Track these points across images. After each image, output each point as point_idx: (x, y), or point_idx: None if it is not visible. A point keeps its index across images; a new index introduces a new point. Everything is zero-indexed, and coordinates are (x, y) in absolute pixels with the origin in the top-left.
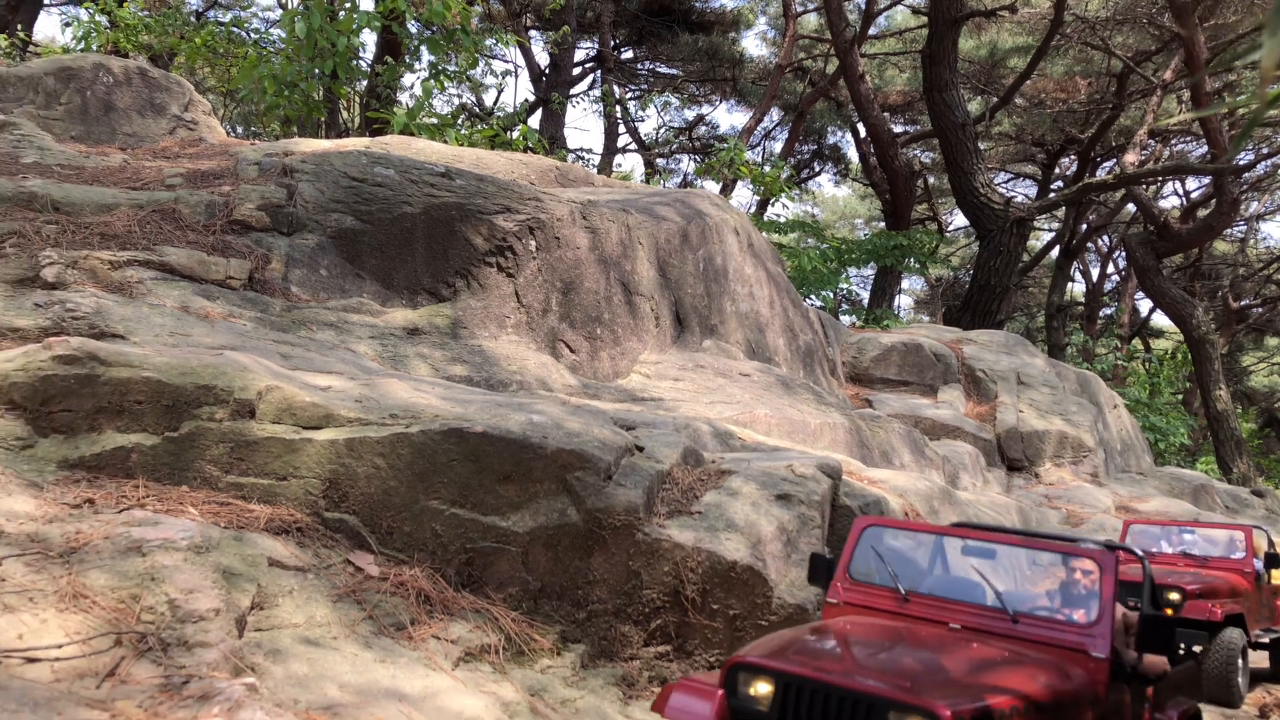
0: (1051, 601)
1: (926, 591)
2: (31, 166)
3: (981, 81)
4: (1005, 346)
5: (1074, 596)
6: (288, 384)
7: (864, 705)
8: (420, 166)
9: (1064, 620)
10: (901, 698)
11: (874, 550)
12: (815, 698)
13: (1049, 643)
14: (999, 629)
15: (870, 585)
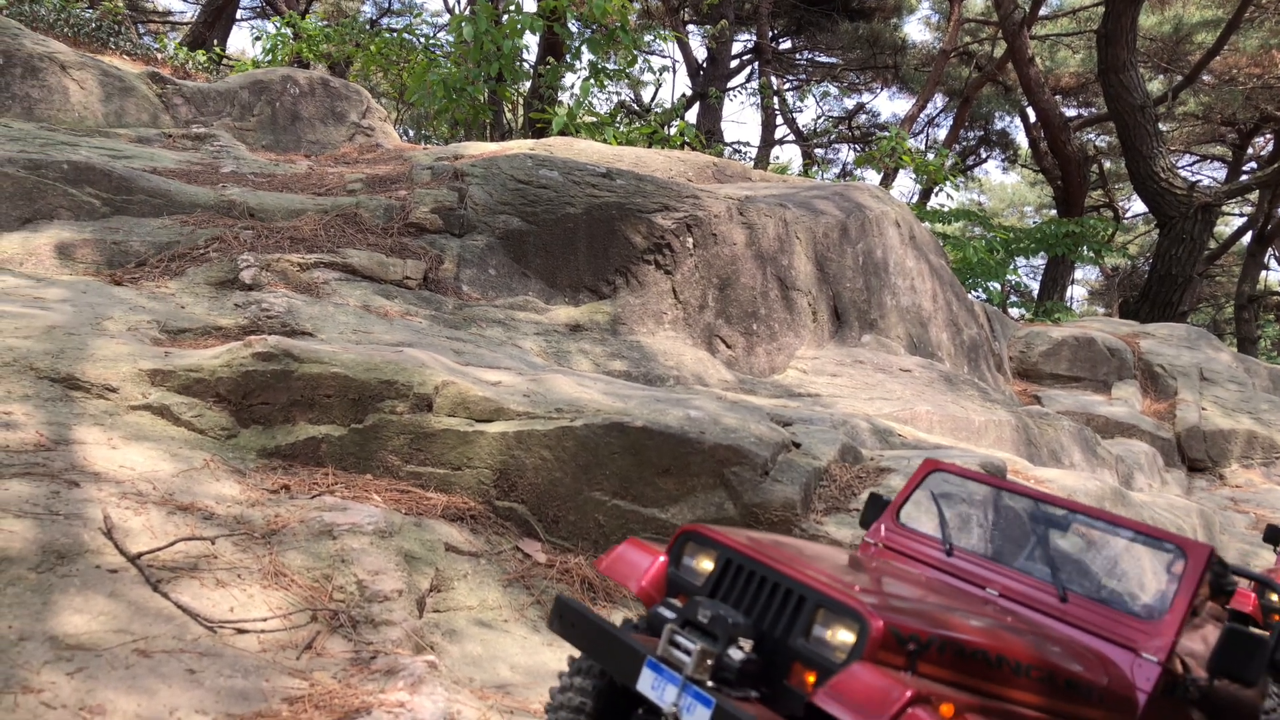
0: (1116, 588)
1: (974, 549)
2: (229, 175)
3: (1164, 60)
4: (1187, 340)
5: (1144, 587)
6: (461, 379)
7: (794, 597)
8: (582, 168)
9: (1122, 610)
10: (833, 594)
11: (933, 496)
12: (750, 580)
13: (1096, 631)
14: (1043, 604)
15: (916, 532)
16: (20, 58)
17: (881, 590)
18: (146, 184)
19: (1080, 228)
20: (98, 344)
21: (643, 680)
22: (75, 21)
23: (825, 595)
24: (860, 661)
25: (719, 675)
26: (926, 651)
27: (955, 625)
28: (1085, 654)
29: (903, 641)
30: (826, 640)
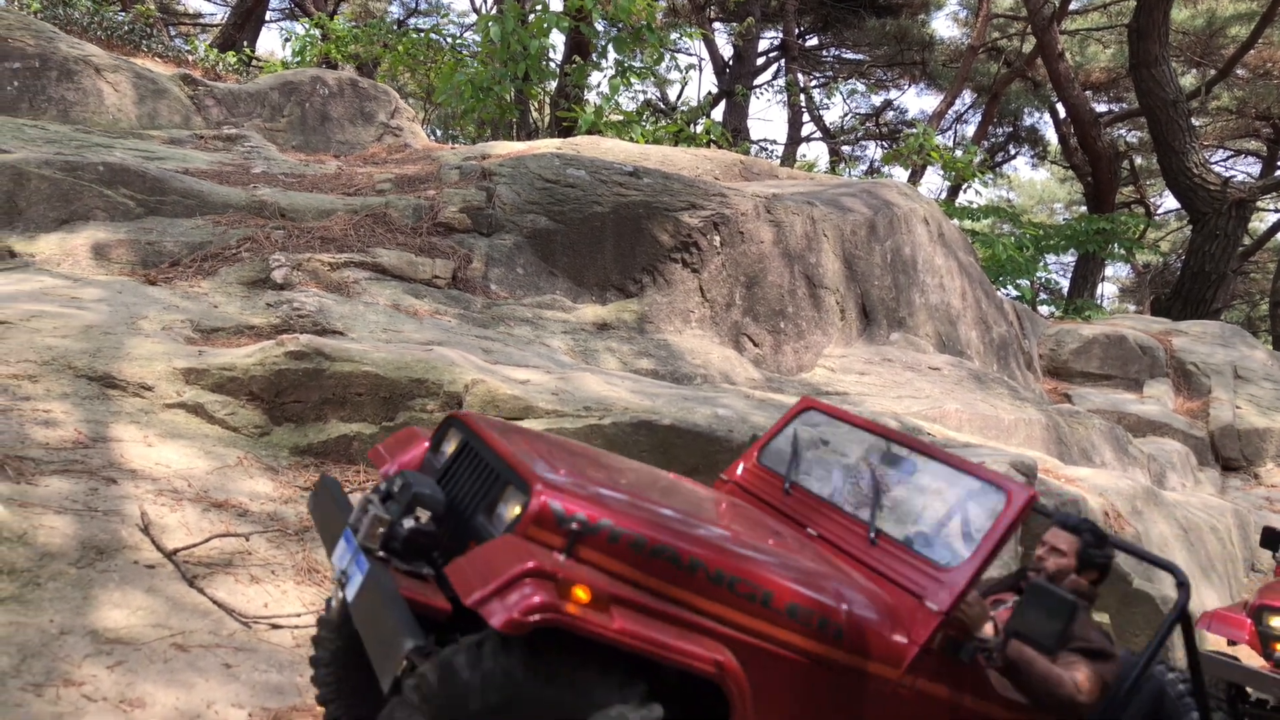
0: (927, 532)
1: (812, 489)
2: (260, 176)
3: (1196, 54)
4: (1221, 338)
5: (961, 534)
6: (490, 378)
7: (494, 473)
8: (609, 167)
9: (923, 555)
10: (519, 469)
11: (797, 435)
12: (476, 461)
13: (893, 576)
14: (852, 547)
15: (770, 471)
16: (56, 60)
17: (586, 478)
18: (179, 185)
19: (1111, 224)
20: (133, 343)
21: (337, 549)
22: (108, 24)
23: (513, 471)
24: (509, 534)
25: (389, 545)
26: (593, 537)
27: (650, 522)
28: (848, 594)
29: (563, 521)
30: (502, 517)
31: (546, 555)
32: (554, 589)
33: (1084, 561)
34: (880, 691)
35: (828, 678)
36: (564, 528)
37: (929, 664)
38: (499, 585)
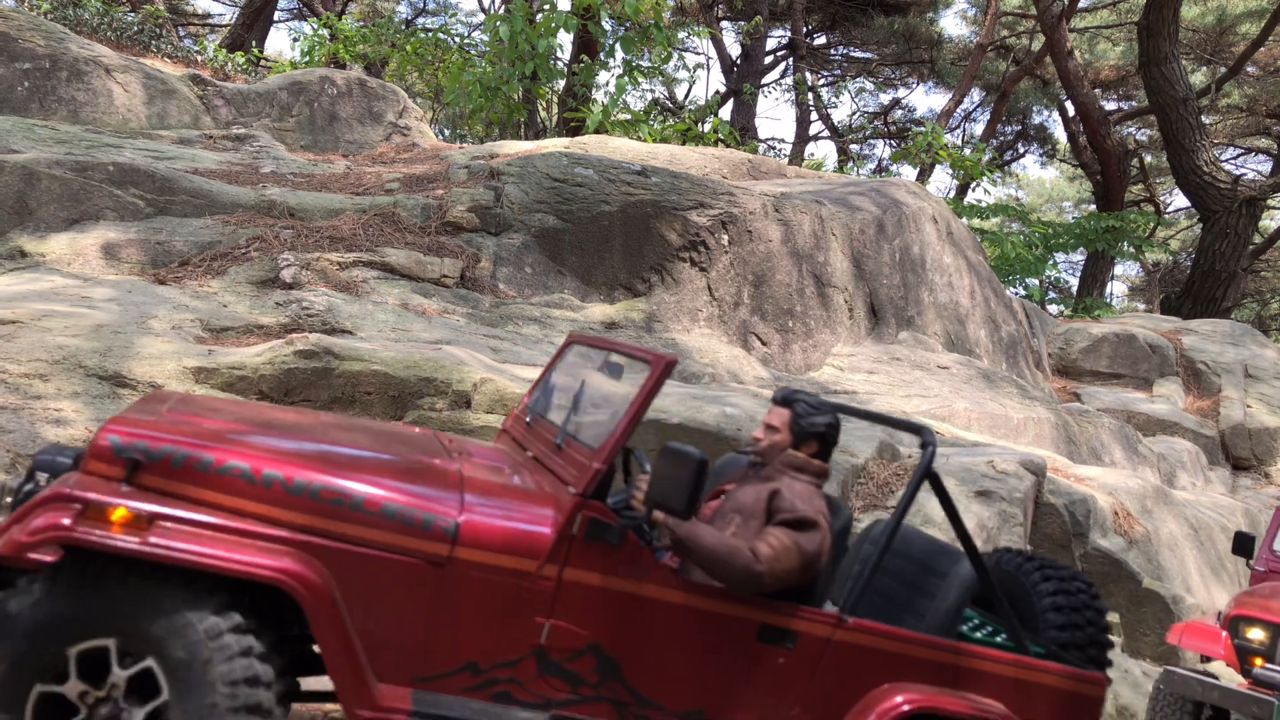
0: (602, 423)
1: (548, 416)
2: (269, 175)
3: (1206, 51)
4: (1231, 336)
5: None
6: (499, 376)
7: None
8: (618, 166)
9: (581, 444)
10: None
11: (552, 372)
12: None
13: (558, 474)
14: (548, 457)
15: (526, 410)
16: (66, 61)
17: (178, 416)
18: (188, 184)
19: (1120, 222)
20: (143, 342)
21: None
22: (118, 25)
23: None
24: (70, 473)
25: (14, 508)
26: (154, 464)
27: (227, 447)
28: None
29: (122, 451)
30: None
31: (100, 485)
32: (77, 512)
33: (798, 433)
34: (517, 584)
35: (442, 574)
36: (124, 458)
37: (576, 551)
38: (17, 517)
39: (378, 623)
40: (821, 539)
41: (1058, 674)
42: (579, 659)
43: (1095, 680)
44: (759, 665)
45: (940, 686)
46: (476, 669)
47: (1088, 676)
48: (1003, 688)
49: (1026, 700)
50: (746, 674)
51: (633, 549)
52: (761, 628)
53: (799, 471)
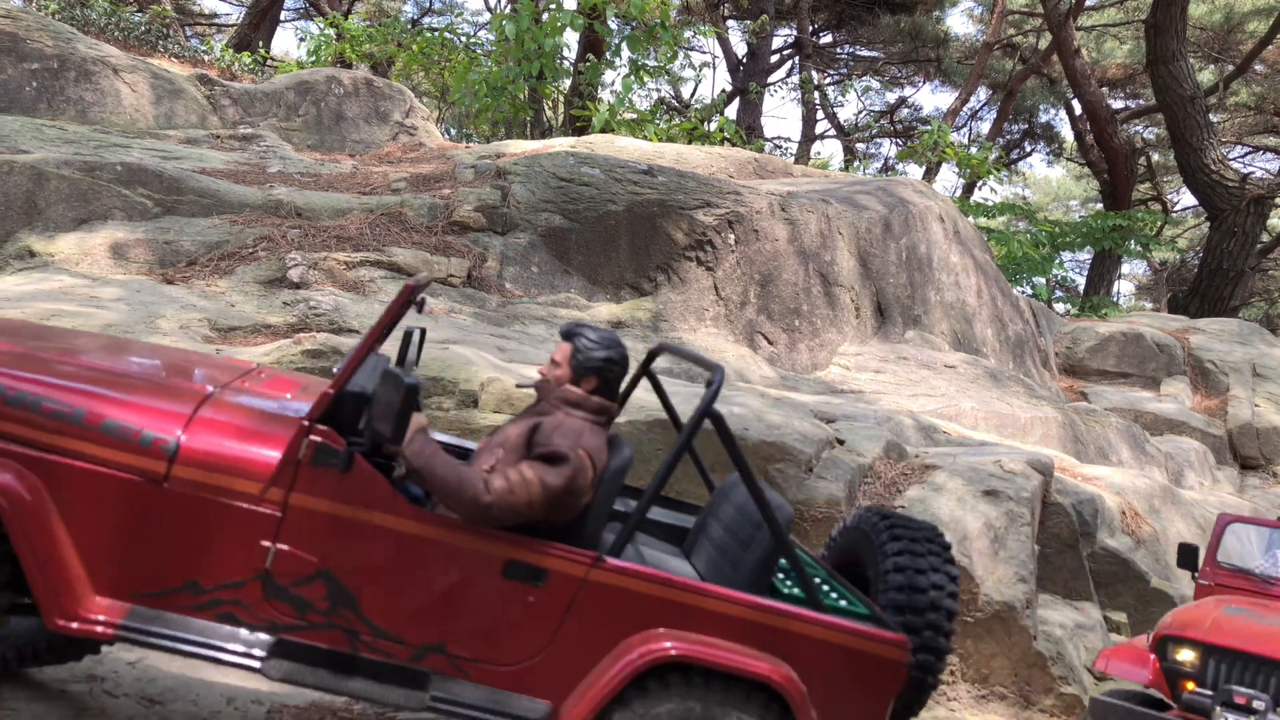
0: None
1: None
2: (276, 175)
3: (1214, 49)
4: (1239, 335)
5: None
6: (506, 376)
7: None
8: (624, 165)
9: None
10: None
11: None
12: None
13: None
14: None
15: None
16: (74, 61)
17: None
18: (196, 184)
19: (1127, 221)
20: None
21: None
22: (125, 25)
23: None
24: None
25: None
26: None
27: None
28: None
29: None
30: None
31: None
32: None
33: (577, 368)
34: (240, 506)
35: (161, 492)
36: None
37: (304, 476)
38: None
39: (97, 537)
40: (572, 475)
41: (849, 632)
42: (308, 585)
43: (895, 642)
44: (507, 602)
45: (708, 636)
46: (198, 588)
47: (886, 637)
48: (782, 642)
49: (810, 656)
50: (492, 610)
51: (364, 476)
52: (507, 563)
53: (575, 407)
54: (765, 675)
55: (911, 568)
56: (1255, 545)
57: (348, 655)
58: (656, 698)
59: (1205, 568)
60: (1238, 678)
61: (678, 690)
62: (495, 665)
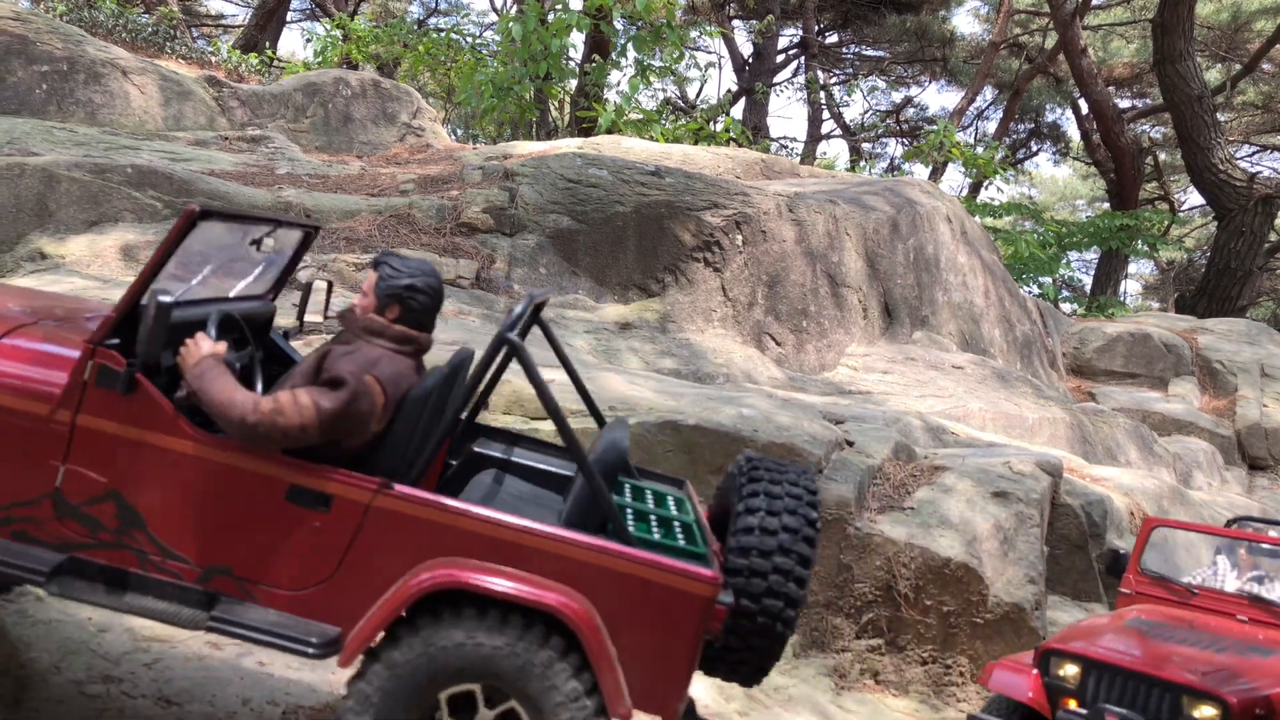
0: None
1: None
2: (285, 177)
3: (1221, 48)
4: (1247, 335)
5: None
6: (515, 378)
7: None
8: (631, 166)
9: None
10: None
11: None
12: None
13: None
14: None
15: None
16: (83, 64)
17: None
18: (206, 186)
19: (1134, 221)
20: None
21: None
22: (133, 27)
23: None
24: None
25: None
26: None
27: None
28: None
29: None
30: None
31: None
32: None
33: (380, 296)
34: (30, 426)
35: None
36: None
37: (90, 398)
38: None
39: None
40: (349, 400)
41: (648, 565)
42: (98, 505)
43: (700, 577)
44: (293, 526)
45: (499, 565)
46: None
47: (690, 571)
48: (579, 573)
49: (608, 589)
50: (278, 534)
51: (148, 398)
52: (290, 488)
53: (376, 336)
54: (549, 605)
55: (764, 509)
56: (1182, 552)
57: (136, 575)
58: (445, 625)
59: (1128, 576)
60: (1117, 696)
61: (468, 619)
62: (283, 589)
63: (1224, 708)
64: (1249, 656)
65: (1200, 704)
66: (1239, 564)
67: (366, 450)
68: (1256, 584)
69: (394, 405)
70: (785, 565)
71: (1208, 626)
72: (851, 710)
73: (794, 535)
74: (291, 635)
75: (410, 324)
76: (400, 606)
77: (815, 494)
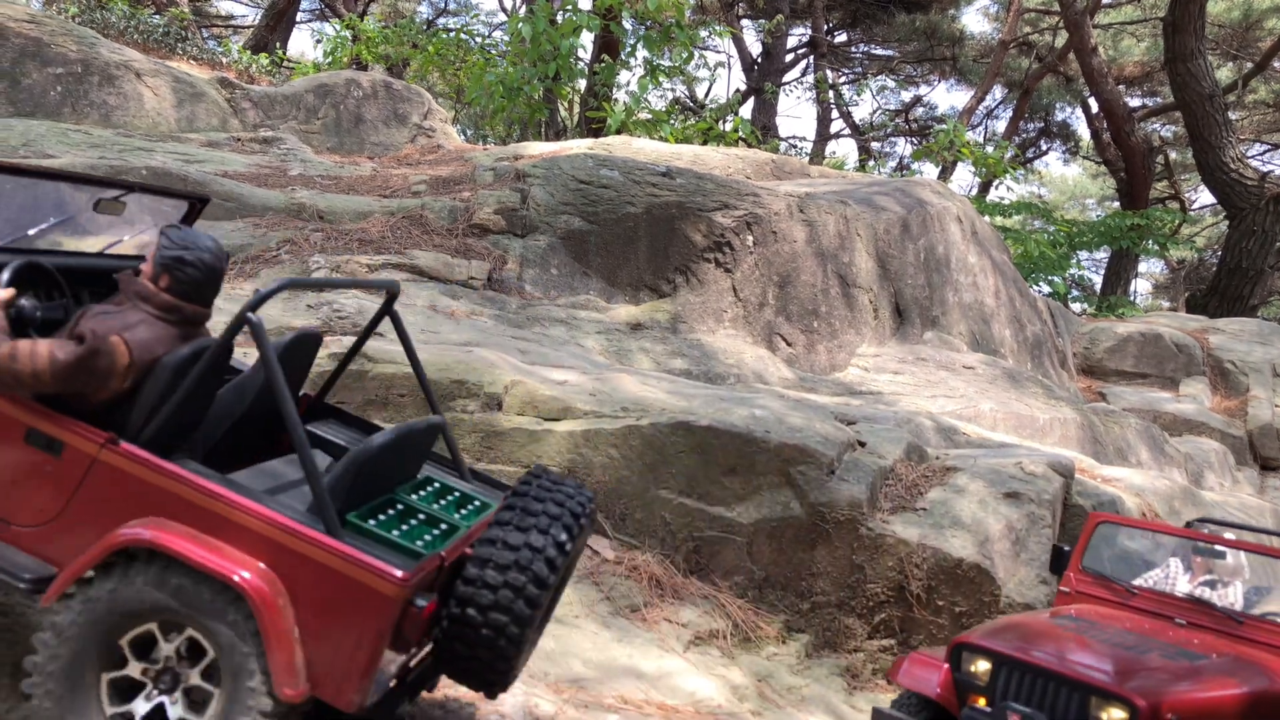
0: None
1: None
2: (297, 178)
3: (1233, 47)
4: (1259, 335)
5: None
6: (529, 378)
7: None
8: (642, 167)
9: None
10: None
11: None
12: None
13: None
14: None
15: None
16: (98, 66)
17: None
18: (219, 188)
19: (1145, 220)
20: None
21: None
22: (145, 28)
23: None
24: None
25: None
26: None
27: None
28: None
29: None
30: None
31: None
32: None
33: (155, 264)
34: None
35: None
36: None
37: None
38: None
39: None
40: (86, 356)
41: (337, 554)
42: None
43: (387, 575)
44: (31, 468)
45: (197, 532)
46: None
47: (377, 568)
48: (274, 552)
49: (299, 570)
50: (18, 474)
51: None
52: (28, 430)
53: (143, 301)
54: (227, 575)
55: (514, 524)
56: (1128, 550)
57: None
58: (132, 580)
59: (1069, 573)
60: (1026, 695)
61: (155, 577)
62: (12, 524)
63: (1132, 710)
64: (1175, 660)
65: (1108, 706)
66: (1193, 567)
67: (114, 406)
68: (1208, 589)
69: (142, 368)
70: (517, 582)
71: (1140, 628)
72: (864, 710)
73: (535, 554)
74: (7, 569)
75: (178, 294)
76: (100, 556)
77: (581, 518)
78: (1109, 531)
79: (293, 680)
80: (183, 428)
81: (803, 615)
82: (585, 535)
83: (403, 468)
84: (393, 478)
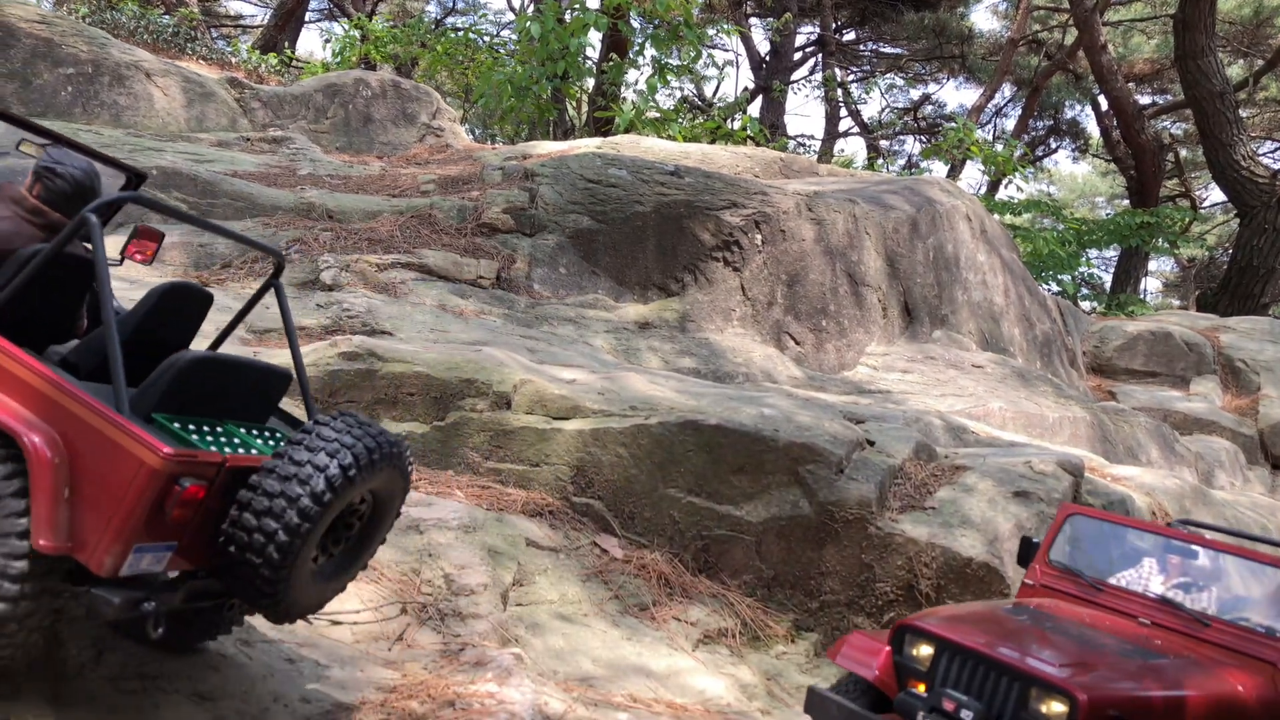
0: None
1: None
2: (306, 178)
3: (1244, 44)
4: (1270, 334)
5: None
6: (538, 377)
7: None
8: (651, 166)
9: None
10: None
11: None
12: None
13: None
14: None
15: None
16: (108, 66)
17: None
18: (229, 187)
19: (1155, 218)
20: None
21: None
22: (154, 28)
23: None
24: None
25: None
26: None
27: None
28: None
29: None
30: None
31: None
32: None
33: (33, 174)
34: None
35: None
36: None
37: None
38: None
39: None
40: None
41: (114, 424)
42: None
43: (150, 445)
44: None
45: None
46: None
47: (142, 437)
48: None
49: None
50: None
51: None
52: None
53: (14, 203)
54: (6, 424)
55: (304, 444)
56: (1096, 543)
57: None
58: None
59: (1034, 566)
60: (965, 682)
61: None
62: None
63: (1072, 704)
64: (1128, 658)
65: (1048, 698)
66: (1168, 568)
67: None
68: (1182, 591)
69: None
70: (293, 492)
71: (1100, 624)
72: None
73: (318, 471)
74: None
75: (46, 201)
76: None
77: (376, 453)
78: (1086, 527)
79: (49, 535)
80: (39, 324)
81: (812, 614)
82: (387, 474)
83: (243, 405)
84: (228, 409)
